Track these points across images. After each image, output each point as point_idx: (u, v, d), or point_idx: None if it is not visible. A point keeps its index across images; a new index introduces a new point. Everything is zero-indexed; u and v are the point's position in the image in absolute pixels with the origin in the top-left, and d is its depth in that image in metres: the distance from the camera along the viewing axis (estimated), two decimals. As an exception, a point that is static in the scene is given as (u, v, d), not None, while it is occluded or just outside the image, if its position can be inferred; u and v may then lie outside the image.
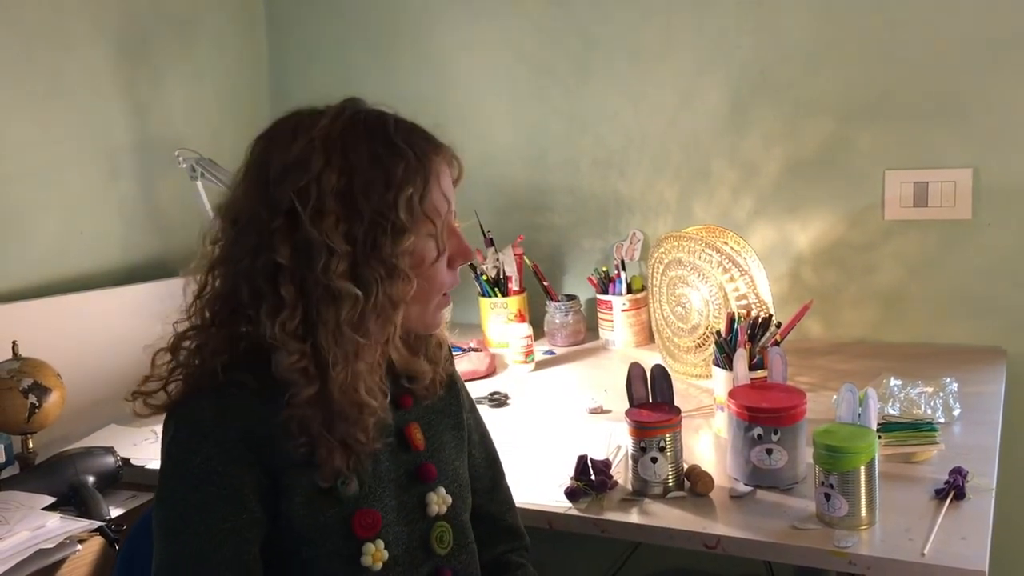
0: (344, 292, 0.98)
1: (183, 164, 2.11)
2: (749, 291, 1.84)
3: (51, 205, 2.01)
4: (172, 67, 2.31)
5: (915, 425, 1.49)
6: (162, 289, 2.15)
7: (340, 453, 1.02)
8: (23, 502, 1.45)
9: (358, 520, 1.05)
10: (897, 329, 2.09)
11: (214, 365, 1.03)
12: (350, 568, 1.04)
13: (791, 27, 2.07)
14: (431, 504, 1.12)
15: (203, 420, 1.01)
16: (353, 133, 1.02)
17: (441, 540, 1.13)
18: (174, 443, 1.02)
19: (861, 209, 2.08)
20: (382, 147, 1.02)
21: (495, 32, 2.36)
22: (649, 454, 1.39)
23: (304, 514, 1.02)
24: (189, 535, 0.98)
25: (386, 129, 1.03)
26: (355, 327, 0.99)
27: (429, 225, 1.04)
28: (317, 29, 2.55)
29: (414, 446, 1.14)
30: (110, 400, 1.98)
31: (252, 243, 1.01)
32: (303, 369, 0.99)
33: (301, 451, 1.01)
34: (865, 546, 1.21)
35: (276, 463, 1.02)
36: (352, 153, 1.01)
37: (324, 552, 1.03)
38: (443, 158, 1.07)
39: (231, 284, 1.03)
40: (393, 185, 1.01)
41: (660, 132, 2.25)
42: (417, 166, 1.02)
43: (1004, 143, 1.95)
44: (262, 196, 1.01)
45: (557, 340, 2.29)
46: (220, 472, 0.99)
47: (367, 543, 1.05)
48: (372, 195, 1.00)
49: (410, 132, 1.05)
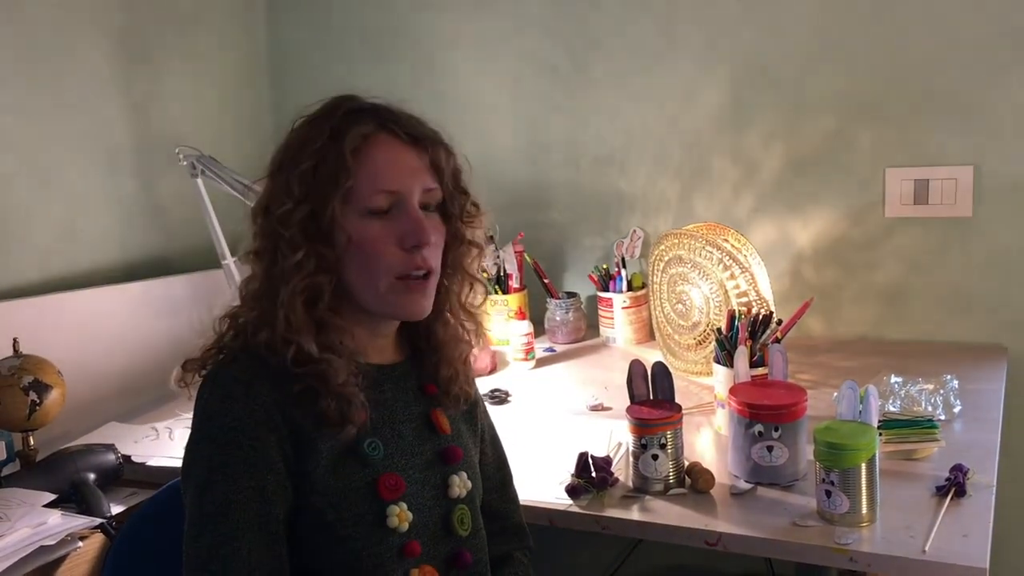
0: (253, 262, 1.12)
1: (183, 161, 2.11)
2: (750, 288, 1.84)
3: (52, 203, 2.00)
4: (172, 64, 2.31)
5: (916, 422, 1.49)
6: (162, 287, 2.16)
7: (333, 400, 1.07)
8: (24, 499, 1.45)
9: (383, 482, 1.09)
10: (898, 326, 2.09)
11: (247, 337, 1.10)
12: (377, 531, 1.08)
13: (792, 25, 2.07)
14: (453, 486, 1.16)
15: (233, 385, 1.06)
16: (310, 118, 1.12)
17: (462, 522, 1.17)
18: (205, 406, 1.07)
19: (862, 206, 2.08)
20: (313, 128, 1.10)
21: (496, 30, 2.36)
22: (650, 451, 1.39)
23: (331, 477, 1.07)
24: (213, 494, 1.03)
25: (333, 112, 1.11)
26: (258, 294, 1.10)
27: (345, 200, 1.08)
28: (317, 26, 2.54)
29: (440, 430, 1.19)
30: (111, 397, 1.99)
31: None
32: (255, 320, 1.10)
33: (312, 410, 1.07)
34: (866, 543, 1.21)
35: (304, 427, 1.07)
36: (293, 134, 1.12)
37: (351, 515, 1.07)
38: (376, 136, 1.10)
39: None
40: (298, 160, 1.08)
41: (661, 129, 2.25)
42: (330, 143, 1.08)
43: (1005, 140, 1.95)
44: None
45: (558, 337, 2.29)
46: (246, 435, 1.04)
47: (391, 505, 1.09)
48: (284, 169, 1.10)
49: (358, 115, 1.10)
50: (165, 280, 2.17)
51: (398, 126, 1.11)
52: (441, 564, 1.14)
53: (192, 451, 1.07)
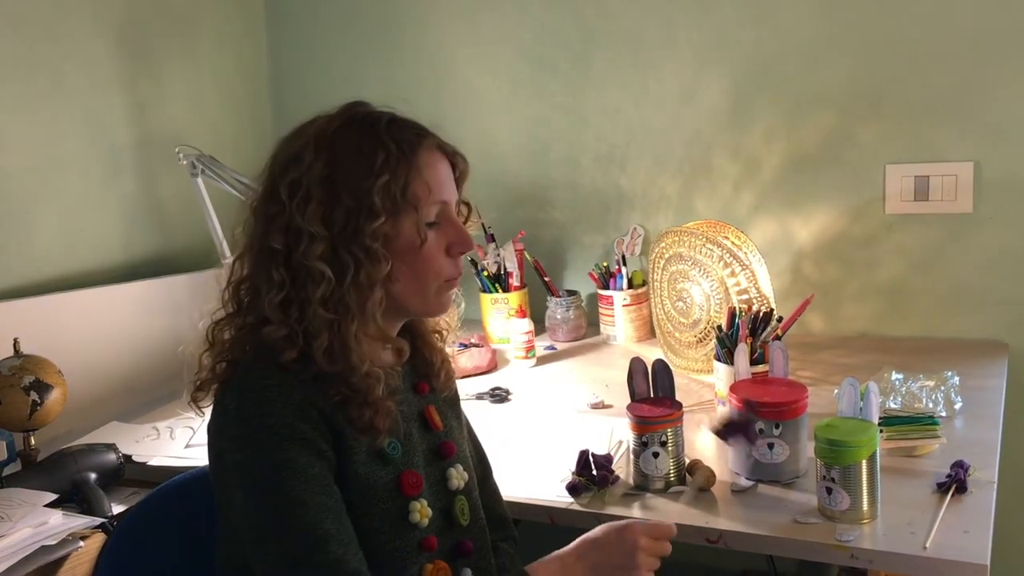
0: (319, 272, 1.09)
1: (183, 161, 2.11)
2: (750, 286, 1.84)
3: (52, 202, 2.00)
4: (172, 63, 2.31)
5: (917, 419, 1.49)
6: (163, 286, 2.16)
7: (369, 412, 1.11)
8: (25, 499, 1.45)
9: (406, 480, 1.14)
10: (898, 323, 2.09)
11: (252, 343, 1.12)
12: (400, 526, 1.13)
13: (792, 21, 2.07)
14: (452, 479, 1.22)
15: (267, 386, 1.08)
16: (344, 130, 1.13)
17: (463, 513, 1.22)
18: (243, 411, 1.08)
19: (862, 203, 2.08)
20: (367, 140, 1.11)
21: (495, 27, 2.36)
22: (651, 449, 1.39)
23: (364, 474, 1.11)
24: (285, 489, 1.04)
25: (375, 125, 1.13)
26: (329, 303, 1.09)
27: (411, 212, 1.12)
28: (317, 24, 2.54)
29: (434, 426, 1.23)
30: (112, 397, 1.99)
31: (259, 231, 1.13)
32: (285, 336, 1.09)
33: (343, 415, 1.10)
34: (867, 540, 1.21)
35: (336, 425, 1.10)
36: (339, 147, 1.11)
37: (378, 511, 1.11)
38: (428, 149, 1.14)
39: (250, 269, 1.15)
40: (372, 174, 1.09)
41: (661, 127, 2.25)
42: (398, 156, 1.11)
43: (1005, 136, 1.94)
44: (268, 189, 1.13)
45: (558, 336, 2.29)
46: (296, 427, 1.06)
47: (413, 501, 1.14)
48: (351, 183, 1.10)
49: (400, 127, 1.14)
50: (166, 280, 2.17)
51: (436, 139, 1.17)
52: (446, 555, 1.18)
53: (241, 461, 1.07)
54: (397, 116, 1.15)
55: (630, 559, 1.13)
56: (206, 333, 1.16)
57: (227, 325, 1.16)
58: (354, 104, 1.16)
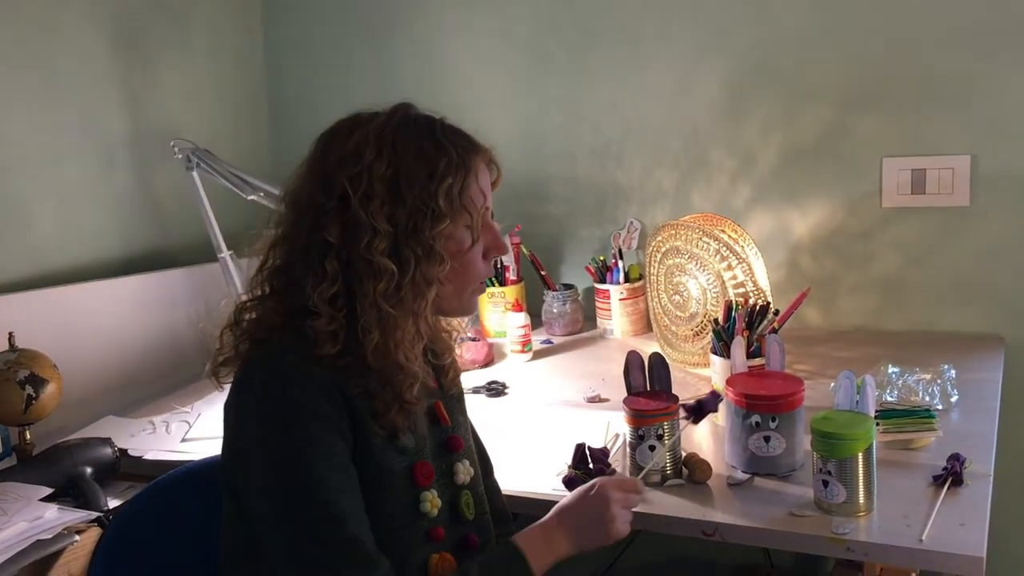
0: (383, 267, 1.10)
1: (179, 155, 2.10)
2: (747, 279, 1.84)
3: (47, 196, 2.00)
4: (167, 57, 2.30)
5: (913, 412, 1.49)
6: (159, 280, 2.15)
7: (396, 409, 1.13)
8: (21, 493, 1.45)
9: (418, 470, 1.17)
10: (895, 316, 2.09)
11: (280, 326, 1.13)
12: (412, 515, 1.16)
13: (789, 14, 2.07)
14: (459, 473, 1.24)
15: (290, 368, 1.10)
16: (403, 130, 1.15)
17: (468, 507, 1.24)
18: (268, 387, 1.09)
19: (859, 196, 2.07)
20: (428, 143, 1.15)
21: (492, 20, 2.35)
22: (647, 442, 1.39)
23: (379, 461, 1.13)
24: (306, 466, 1.06)
25: (433, 128, 1.17)
26: (389, 299, 1.11)
27: (466, 216, 1.16)
28: (313, 17, 2.53)
29: (443, 421, 1.26)
30: (108, 391, 1.99)
31: (308, 224, 1.13)
32: (331, 332, 1.10)
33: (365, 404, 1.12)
34: (863, 532, 1.22)
35: (358, 411, 1.12)
36: (401, 147, 1.13)
37: (391, 498, 1.14)
38: (482, 158, 1.20)
39: (288, 259, 1.16)
40: (435, 176, 1.13)
41: (658, 120, 2.24)
42: (458, 162, 1.15)
43: (1002, 129, 1.94)
44: (321, 183, 1.14)
45: (555, 329, 2.29)
46: (318, 409, 1.08)
47: (424, 491, 1.17)
48: (415, 184, 1.12)
49: (454, 133, 1.19)
50: (162, 274, 2.17)
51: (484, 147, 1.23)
52: (452, 548, 1.20)
53: (263, 436, 1.08)
54: (446, 121, 1.20)
55: (604, 510, 1.18)
56: (232, 313, 1.18)
57: (254, 308, 1.17)
58: (405, 105, 1.19)
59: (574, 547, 1.18)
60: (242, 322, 1.17)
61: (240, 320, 1.17)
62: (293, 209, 1.17)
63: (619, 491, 1.20)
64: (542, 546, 1.16)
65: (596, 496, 1.19)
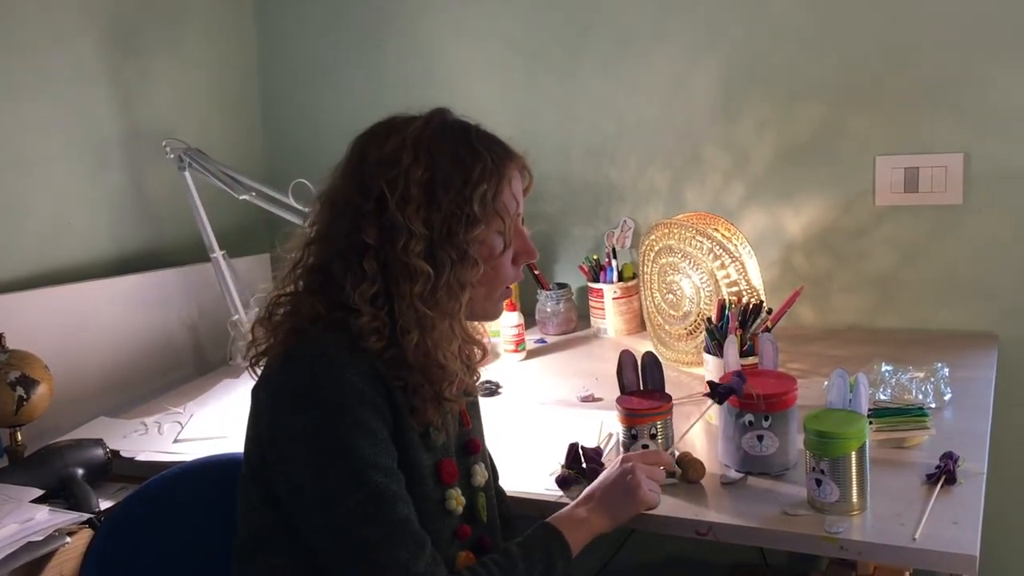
0: (419, 269, 1.13)
1: (171, 155, 2.10)
2: (740, 278, 1.84)
3: (39, 196, 1.99)
4: (160, 57, 2.29)
5: (906, 410, 1.49)
6: (151, 280, 2.14)
7: (433, 406, 1.16)
8: (12, 495, 1.44)
9: (444, 468, 1.19)
10: (889, 315, 2.09)
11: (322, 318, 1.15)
12: (438, 511, 1.18)
13: (782, 13, 2.07)
14: (476, 475, 1.26)
15: (336, 353, 1.12)
16: (439, 135, 1.17)
17: (483, 509, 1.27)
18: (316, 372, 1.10)
19: (852, 195, 2.08)
20: (463, 149, 1.17)
21: (485, 18, 2.35)
22: (640, 441, 1.39)
23: (411, 455, 1.15)
24: (358, 448, 1.08)
25: (468, 135, 1.19)
26: (425, 300, 1.14)
27: (498, 221, 1.18)
28: (305, 17, 2.53)
29: (466, 423, 1.29)
30: (99, 392, 1.98)
31: (346, 225, 1.15)
32: (375, 328, 1.13)
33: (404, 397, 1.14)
34: (856, 531, 1.21)
35: (396, 402, 1.14)
36: (437, 152, 1.15)
37: (420, 493, 1.15)
38: (516, 165, 1.21)
39: (325, 259, 1.17)
40: (470, 182, 1.15)
41: (652, 119, 2.24)
42: (493, 168, 1.17)
43: (995, 128, 1.94)
44: (358, 185, 1.16)
45: (548, 329, 2.29)
46: (368, 392, 1.11)
47: (450, 489, 1.19)
48: (451, 188, 1.14)
49: (489, 139, 1.21)
50: (154, 274, 2.16)
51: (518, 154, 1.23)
52: (470, 548, 1.23)
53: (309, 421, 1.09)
54: (481, 128, 1.21)
55: (630, 480, 1.25)
56: (264, 307, 1.20)
57: (288, 302, 1.19)
58: (441, 110, 1.21)
59: (607, 519, 1.24)
60: (275, 316, 1.19)
61: (273, 314, 1.19)
62: (329, 209, 1.19)
63: (645, 463, 1.28)
64: (576, 522, 1.22)
65: (622, 467, 1.27)
